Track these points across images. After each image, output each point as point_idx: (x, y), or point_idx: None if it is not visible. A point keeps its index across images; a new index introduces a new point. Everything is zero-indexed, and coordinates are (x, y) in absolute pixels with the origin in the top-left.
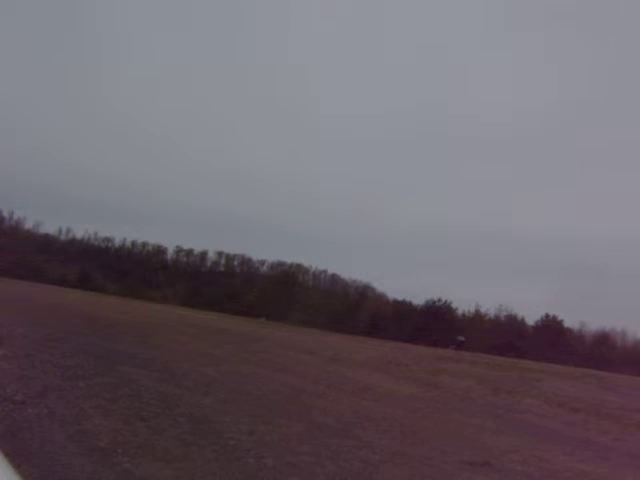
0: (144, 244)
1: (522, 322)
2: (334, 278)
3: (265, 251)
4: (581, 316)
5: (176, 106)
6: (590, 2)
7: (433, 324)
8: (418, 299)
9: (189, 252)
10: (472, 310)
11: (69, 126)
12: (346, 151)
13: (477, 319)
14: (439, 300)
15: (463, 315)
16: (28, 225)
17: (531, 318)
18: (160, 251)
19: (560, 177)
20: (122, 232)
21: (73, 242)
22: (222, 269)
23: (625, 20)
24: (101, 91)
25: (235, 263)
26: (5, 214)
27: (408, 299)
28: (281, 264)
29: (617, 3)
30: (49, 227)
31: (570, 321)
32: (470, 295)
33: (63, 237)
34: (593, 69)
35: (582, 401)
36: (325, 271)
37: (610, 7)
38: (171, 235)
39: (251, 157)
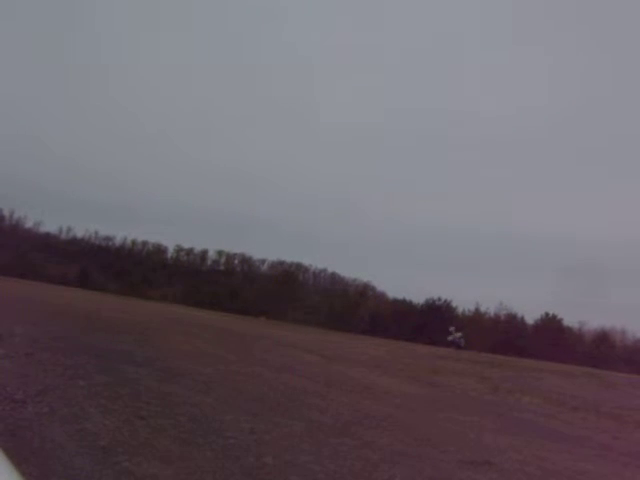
0: (144, 243)
1: (522, 321)
2: (334, 277)
3: (265, 250)
4: (581, 315)
5: (177, 106)
6: (590, 3)
7: (433, 323)
8: (418, 298)
9: (189, 251)
10: (472, 309)
11: (69, 126)
12: (346, 151)
13: (477, 318)
14: (439, 299)
15: (463, 314)
16: (28, 224)
17: (531, 317)
18: (160, 250)
19: (560, 177)
20: (122, 231)
21: (73, 241)
22: (222, 268)
23: (626, 20)
24: (101, 91)
25: (235, 262)
26: (5, 213)
27: (408, 298)
28: (281, 263)
29: (618, 4)
30: (49, 226)
31: (570, 320)
32: (470, 294)
33: (63, 236)
34: (593, 69)
35: (582, 400)
36: (325, 270)
37: (610, 8)
38: (171, 234)
39: (251, 156)
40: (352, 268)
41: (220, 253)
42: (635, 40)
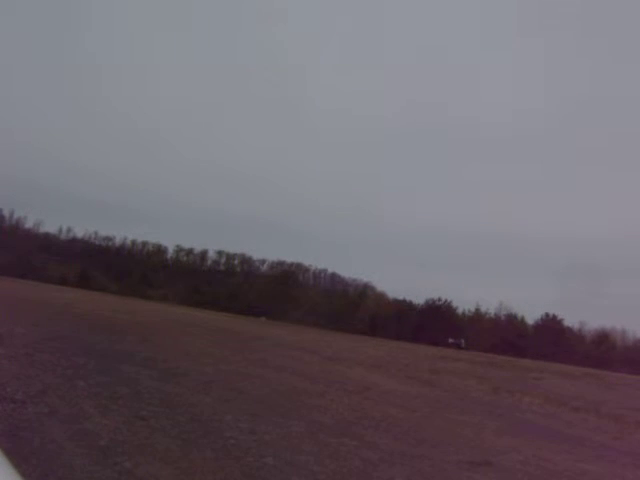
0: (144, 243)
1: (522, 321)
2: (334, 277)
3: (265, 250)
4: (581, 315)
5: (176, 106)
6: (590, 4)
7: (433, 323)
8: (418, 298)
9: (189, 251)
10: (472, 309)
11: (69, 126)
12: (346, 151)
13: (477, 318)
14: (439, 299)
15: (463, 314)
16: (28, 224)
17: (531, 317)
18: (160, 250)
19: (560, 177)
20: (122, 231)
21: (73, 241)
22: (222, 268)
23: (624, 20)
24: (101, 91)
25: (235, 262)
26: (5, 213)
27: (408, 298)
28: (281, 263)
29: (617, 5)
30: (49, 226)
31: (570, 320)
32: (470, 294)
33: (63, 236)
34: (593, 69)
35: (582, 400)
36: (325, 270)
37: (610, 8)
38: (171, 234)
39: (251, 157)
40: (352, 268)
41: (220, 253)
42: (635, 39)
